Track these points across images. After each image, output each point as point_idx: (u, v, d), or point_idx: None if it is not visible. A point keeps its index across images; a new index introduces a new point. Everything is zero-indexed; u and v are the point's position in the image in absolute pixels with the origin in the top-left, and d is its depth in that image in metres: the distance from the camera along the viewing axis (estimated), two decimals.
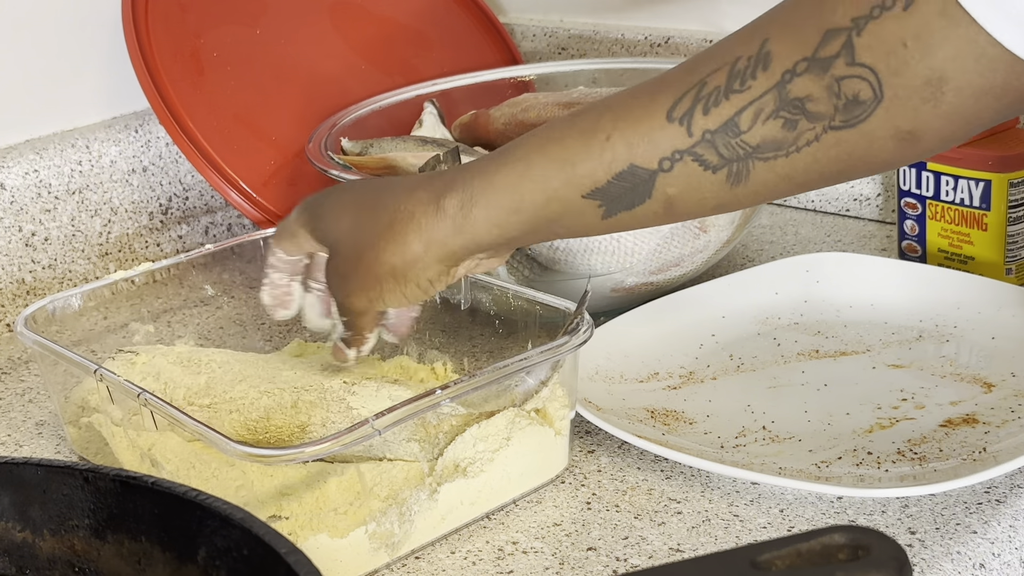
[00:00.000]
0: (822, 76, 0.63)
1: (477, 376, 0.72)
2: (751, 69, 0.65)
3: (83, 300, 0.88)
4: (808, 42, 0.63)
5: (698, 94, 0.66)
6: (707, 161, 0.66)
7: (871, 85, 0.62)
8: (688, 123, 0.66)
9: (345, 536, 0.69)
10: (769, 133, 0.65)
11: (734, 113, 0.65)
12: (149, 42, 1.09)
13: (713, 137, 0.66)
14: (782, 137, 0.65)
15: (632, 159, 0.67)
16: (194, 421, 0.70)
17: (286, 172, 1.12)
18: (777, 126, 0.65)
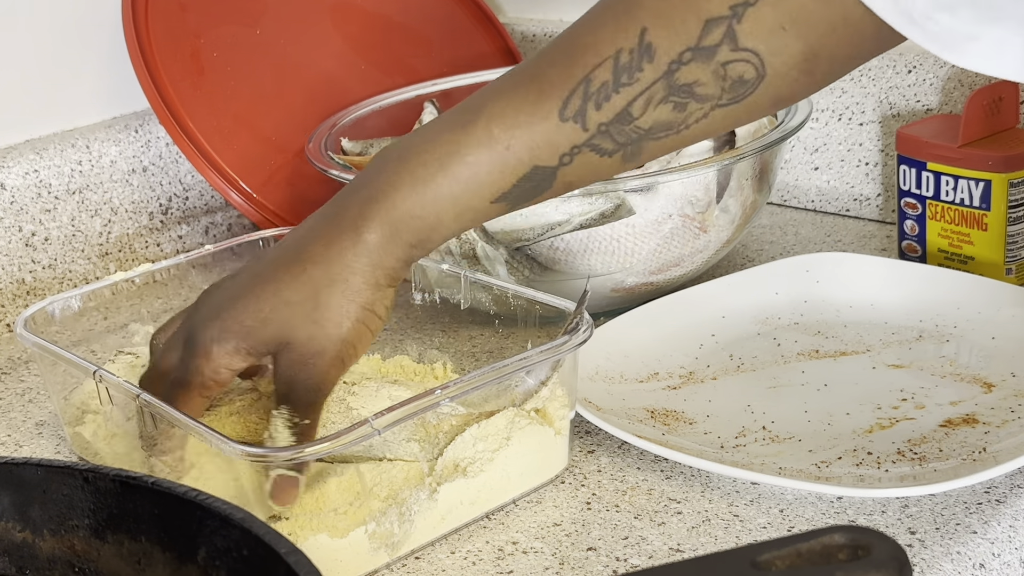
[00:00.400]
0: (708, 63, 0.66)
1: (476, 376, 0.72)
2: (636, 62, 0.67)
3: (83, 301, 0.88)
4: (690, 32, 0.65)
5: (586, 91, 0.67)
6: (603, 149, 0.69)
7: (755, 66, 0.66)
8: (582, 120, 0.68)
9: (345, 536, 0.69)
10: (661, 117, 0.68)
11: (626, 104, 0.67)
12: (149, 42, 1.09)
13: (608, 128, 0.68)
14: (673, 119, 0.68)
15: (534, 162, 0.69)
16: (194, 422, 0.70)
17: (286, 172, 1.12)
18: (667, 110, 0.67)
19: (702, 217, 0.95)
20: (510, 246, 0.94)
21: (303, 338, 0.70)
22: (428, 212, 0.70)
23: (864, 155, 1.15)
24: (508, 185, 0.70)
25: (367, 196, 0.71)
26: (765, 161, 0.98)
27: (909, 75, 1.11)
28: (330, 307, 0.70)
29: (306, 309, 0.69)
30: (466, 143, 0.69)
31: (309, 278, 0.70)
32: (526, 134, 0.69)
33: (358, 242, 0.70)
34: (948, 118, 1.06)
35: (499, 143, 0.69)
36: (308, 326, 0.70)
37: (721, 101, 0.67)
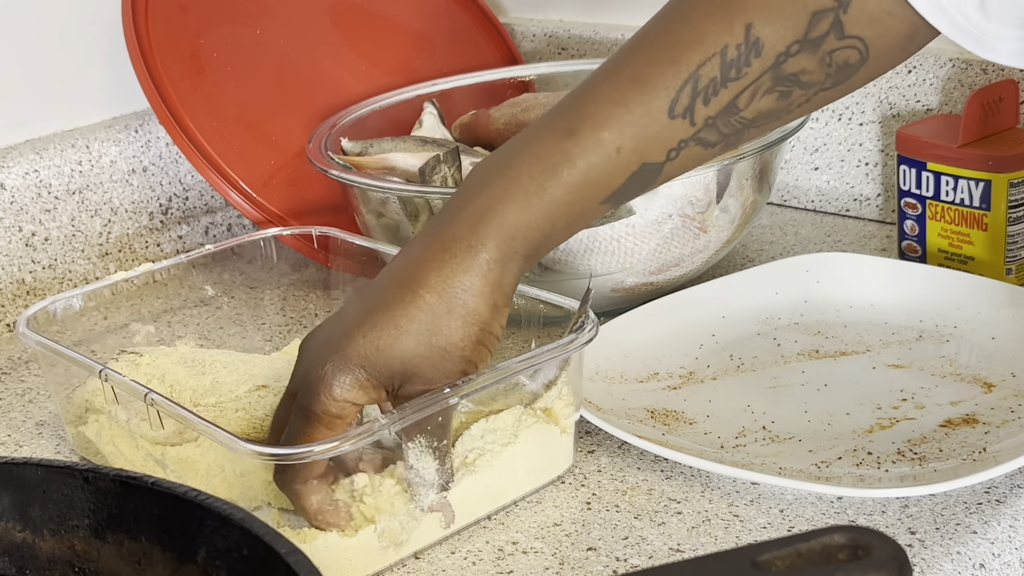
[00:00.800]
0: (815, 53, 0.68)
1: (484, 374, 0.72)
2: (744, 56, 0.68)
3: (84, 301, 0.88)
4: (797, 25, 0.67)
5: (695, 88, 0.68)
6: (708, 141, 0.70)
7: (859, 52, 0.68)
8: (691, 116, 0.69)
9: (355, 535, 0.69)
10: (765, 106, 0.69)
11: (732, 98, 0.69)
12: (149, 42, 1.09)
13: (715, 121, 0.69)
14: (777, 107, 0.70)
15: (643, 160, 0.70)
16: (202, 420, 0.70)
17: (286, 172, 1.12)
18: (772, 99, 0.69)
19: (702, 217, 0.95)
20: None
21: (427, 368, 0.69)
22: (543, 223, 0.70)
23: (864, 155, 1.15)
24: (618, 185, 0.71)
25: (476, 215, 0.70)
26: (765, 161, 0.98)
27: (909, 75, 1.11)
28: (451, 334, 0.69)
29: (427, 336, 0.68)
30: (575, 151, 0.69)
31: (426, 305, 0.69)
32: (636, 135, 0.69)
33: (474, 263, 0.69)
34: (948, 118, 1.06)
35: (609, 146, 0.69)
36: (431, 354, 0.69)
37: (825, 86, 0.69)
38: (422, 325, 0.68)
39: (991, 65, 1.07)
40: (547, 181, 0.70)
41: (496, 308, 0.70)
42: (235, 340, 0.98)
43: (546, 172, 0.70)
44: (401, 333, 0.68)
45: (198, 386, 0.82)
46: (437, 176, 0.95)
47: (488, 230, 0.70)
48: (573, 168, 0.69)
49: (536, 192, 0.70)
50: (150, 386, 0.76)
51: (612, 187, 0.71)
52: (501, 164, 0.71)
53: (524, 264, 0.71)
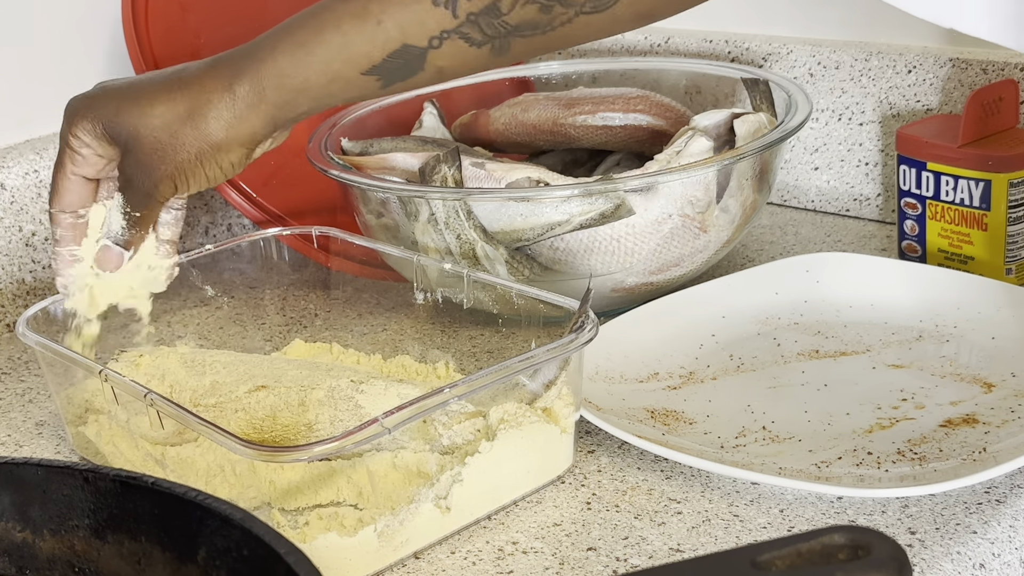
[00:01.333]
0: None
1: (485, 374, 0.72)
2: None
3: None
4: None
5: None
6: (472, 39, 0.73)
7: None
8: (453, 7, 0.72)
9: (354, 535, 0.69)
10: (527, 16, 0.72)
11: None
12: (149, 42, 1.09)
13: (476, 18, 0.72)
14: (539, 19, 0.72)
15: (404, 40, 0.74)
16: (201, 420, 0.70)
17: (286, 172, 1.12)
18: (534, 10, 0.72)
19: (702, 217, 0.95)
20: (510, 246, 0.94)
21: (147, 146, 0.77)
22: (297, 73, 0.75)
23: (864, 155, 1.15)
24: (378, 59, 0.74)
25: (248, 52, 0.77)
26: (765, 161, 0.98)
27: (909, 75, 1.11)
28: (176, 136, 0.76)
29: (156, 126, 0.76)
30: (342, 13, 0.74)
31: (173, 103, 0.76)
32: (399, 12, 0.73)
33: (227, 91, 0.76)
34: (948, 118, 1.06)
35: (372, 17, 0.73)
36: (151, 141, 0.77)
37: (585, 8, 0.71)
38: (160, 115, 0.77)
39: (991, 65, 1.07)
40: (311, 36, 0.75)
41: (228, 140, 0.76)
42: (235, 340, 0.98)
43: (313, 28, 0.75)
44: (141, 112, 0.77)
45: (198, 386, 0.82)
46: (437, 176, 0.95)
47: (249, 67, 0.76)
48: (337, 29, 0.74)
49: (299, 44, 0.75)
50: (149, 386, 0.76)
51: (372, 60, 0.74)
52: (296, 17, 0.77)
53: (275, 113, 0.76)
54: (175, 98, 0.76)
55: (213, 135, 0.76)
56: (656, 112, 1.07)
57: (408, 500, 0.71)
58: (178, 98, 0.76)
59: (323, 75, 0.75)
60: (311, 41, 0.75)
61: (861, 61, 1.14)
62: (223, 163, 0.77)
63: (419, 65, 0.74)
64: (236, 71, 0.76)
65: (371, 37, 0.74)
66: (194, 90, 0.76)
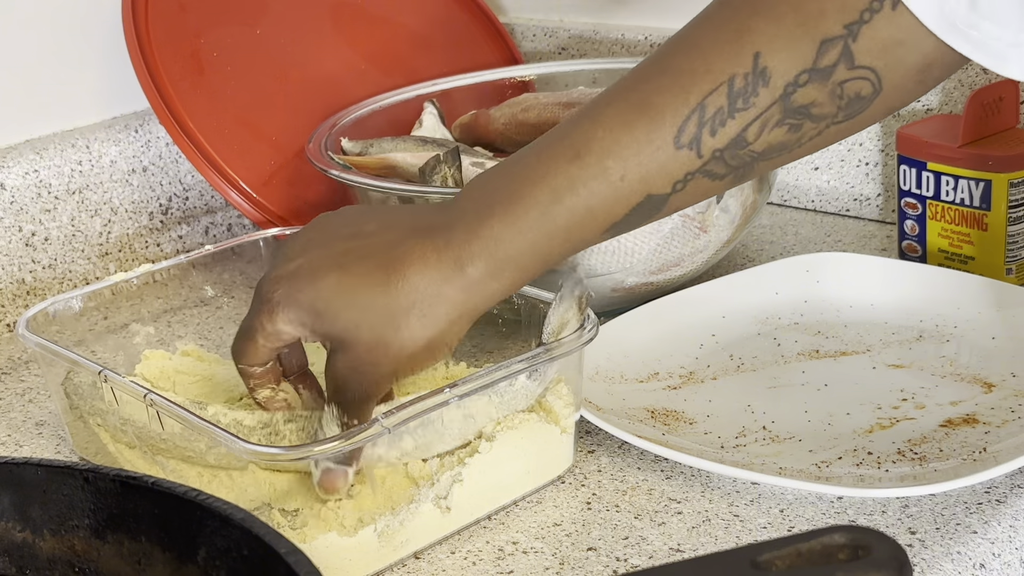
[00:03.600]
0: (825, 83, 0.65)
1: (485, 374, 0.72)
2: (751, 86, 0.66)
3: (84, 301, 0.88)
4: (805, 54, 0.65)
5: (701, 118, 0.66)
6: (716, 174, 0.68)
7: (872, 83, 0.66)
8: (697, 147, 0.67)
9: (354, 535, 0.69)
10: (775, 139, 0.67)
11: (741, 129, 0.66)
12: (149, 42, 1.09)
13: (722, 153, 0.67)
14: (787, 140, 0.67)
15: (648, 191, 0.68)
16: (202, 420, 0.70)
17: (286, 172, 1.12)
18: (782, 132, 0.67)
19: (702, 217, 0.95)
20: None
21: (365, 348, 0.68)
22: (540, 248, 0.69)
23: (864, 155, 1.15)
24: (621, 215, 0.69)
25: (474, 227, 0.69)
26: None
27: None
28: (401, 330, 0.68)
29: (376, 322, 0.68)
30: (580, 177, 0.68)
31: (394, 291, 0.68)
32: (641, 165, 0.67)
33: (457, 274, 0.68)
34: (948, 118, 1.06)
35: (613, 175, 0.68)
36: (370, 339, 0.68)
37: (837, 119, 0.67)
38: (379, 310, 0.68)
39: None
40: (551, 206, 0.68)
41: (459, 322, 0.69)
42: None
43: (551, 196, 0.68)
44: (355, 306, 0.68)
45: (199, 392, 0.82)
46: (437, 176, 0.95)
47: (481, 247, 0.68)
48: (575, 196, 0.68)
49: (537, 218, 0.68)
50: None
51: (614, 217, 0.69)
52: (506, 178, 0.70)
53: (509, 287, 0.70)
54: (395, 284, 0.67)
55: (442, 320, 0.68)
56: None
57: (408, 500, 0.71)
58: (395, 282, 0.67)
59: (566, 243, 0.69)
60: (550, 210, 0.68)
61: None
62: (451, 342, 0.69)
63: (658, 210, 0.69)
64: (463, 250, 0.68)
65: (614, 196, 0.68)
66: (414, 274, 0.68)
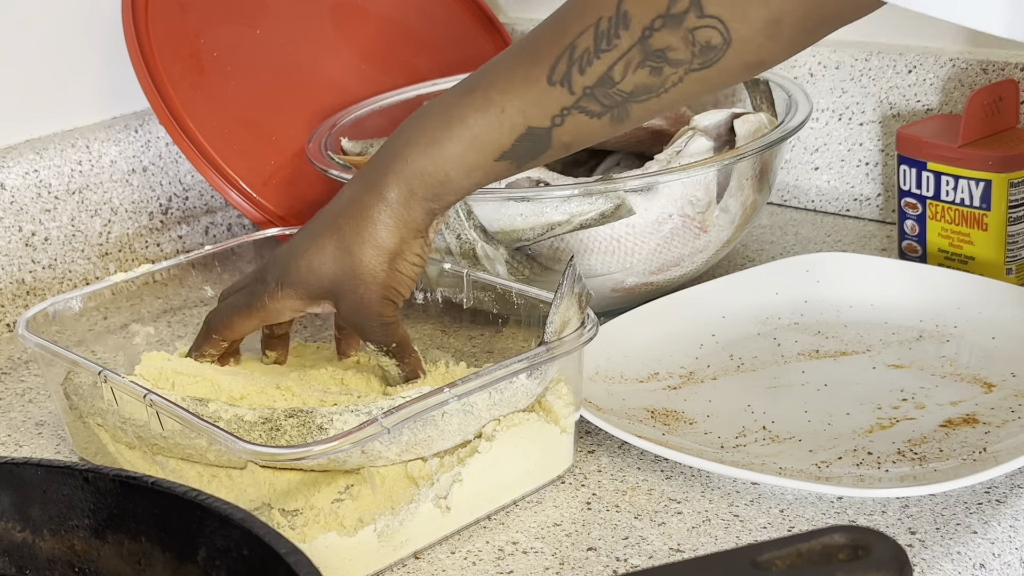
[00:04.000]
0: (677, 29, 0.71)
1: (484, 374, 0.72)
2: (613, 28, 0.72)
3: (83, 301, 0.88)
4: (660, 1, 0.71)
5: (571, 57, 0.73)
6: (591, 111, 0.74)
7: (720, 32, 0.71)
8: (568, 83, 0.74)
9: (354, 535, 0.69)
10: (640, 80, 0.73)
11: (606, 68, 0.73)
12: (149, 42, 1.09)
13: (593, 91, 0.74)
14: (651, 82, 0.73)
15: (528, 123, 0.75)
16: (201, 420, 0.70)
17: (286, 172, 1.12)
18: (645, 74, 0.73)
19: (702, 217, 0.95)
20: (510, 246, 0.94)
21: (348, 291, 0.79)
22: (438, 170, 0.77)
23: (864, 155, 1.15)
24: (508, 144, 0.76)
25: (388, 157, 0.79)
26: (765, 161, 0.98)
27: (909, 75, 1.11)
28: (363, 262, 0.79)
29: (345, 263, 0.79)
30: (466, 107, 0.77)
31: (344, 236, 0.79)
32: (519, 98, 0.75)
33: (380, 200, 0.78)
34: (948, 118, 1.06)
35: (495, 106, 0.76)
36: (350, 280, 0.79)
37: (693, 66, 0.72)
38: (342, 252, 0.79)
39: (991, 65, 1.07)
40: (442, 134, 0.77)
41: (403, 240, 0.79)
42: None
43: (442, 126, 0.77)
44: (327, 258, 0.80)
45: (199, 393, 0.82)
46: None
47: (393, 172, 0.78)
48: (463, 124, 0.77)
49: (432, 142, 0.77)
50: None
51: (502, 147, 0.76)
52: (415, 117, 0.80)
53: (429, 204, 0.78)
54: (343, 227, 0.79)
55: (388, 241, 0.79)
56: None
57: (408, 500, 0.71)
58: (343, 227, 0.79)
59: (460, 168, 0.77)
60: (442, 139, 0.77)
61: (861, 61, 1.14)
62: (411, 259, 0.80)
63: (546, 144, 0.76)
64: (380, 179, 0.79)
65: (497, 126, 0.76)
66: (355, 213, 0.79)
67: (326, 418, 0.72)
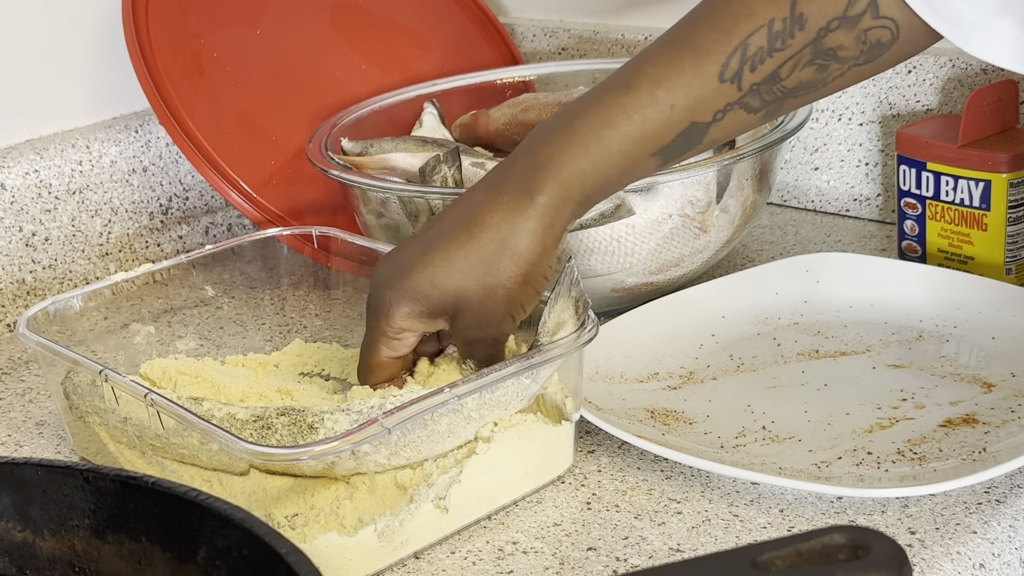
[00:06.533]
0: (852, 30, 0.73)
1: (484, 374, 0.72)
2: (788, 29, 0.74)
3: (84, 301, 0.88)
4: (837, 3, 0.73)
5: (743, 55, 0.74)
6: (751, 107, 0.76)
7: (891, 31, 0.74)
8: (739, 81, 0.75)
9: (354, 535, 0.69)
10: (805, 77, 0.75)
11: (777, 67, 0.75)
12: (149, 42, 1.09)
13: (759, 88, 0.75)
14: (815, 79, 0.75)
15: (693, 119, 0.76)
16: (202, 420, 0.70)
17: (286, 172, 1.12)
18: (811, 71, 0.75)
19: (702, 217, 0.95)
20: None
21: (475, 303, 0.75)
22: (599, 170, 0.76)
23: (864, 155, 1.15)
24: (668, 140, 0.76)
25: (534, 163, 0.76)
26: (765, 161, 0.98)
27: (909, 75, 1.11)
28: (499, 272, 0.75)
29: (477, 274, 0.75)
30: (632, 105, 0.76)
31: (479, 244, 0.75)
32: (688, 95, 0.75)
33: (529, 205, 0.75)
34: (948, 118, 1.06)
35: (663, 103, 0.75)
36: (479, 291, 0.75)
37: (859, 61, 0.75)
38: (474, 263, 0.75)
39: (991, 65, 1.07)
40: (604, 131, 0.76)
41: (545, 250, 0.76)
42: (235, 340, 0.98)
43: (604, 123, 0.76)
44: (454, 270, 0.75)
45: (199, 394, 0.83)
46: (437, 176, 0.95)
47: (546, 176, 0.75)
48: (629, 120, 0.76)
49: (594, 141, 0.76)
50: None
51: (663, 141, 0.76)
52: (563, 119, 0.77)
53: (577, 210, 0.77)
54: (478, 236, 0.75)
55: (529, 251, 0.75)
56: None
57: (408, 500, 0.71)
58: (482, 236, 0.75)
59: (621, 164, 0.76)
60: (606, 136, 0.76)
61: None
62: (544, 271, 0.77)
63: (699, 138, 0.77)
64: (529, 183, 0.75)
65: (664, 121, 0.75)
66: (493, 220, 0.75)
67: (317, 417, 0.72)
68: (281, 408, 0.74)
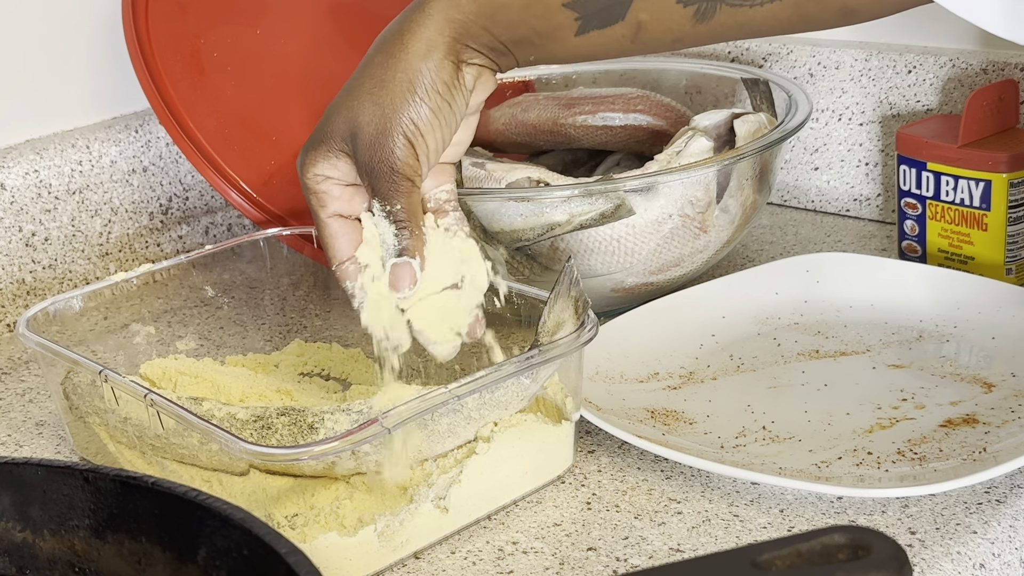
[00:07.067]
0: None
1: (484, 374, 0.72)
2: None
3: (84, 301, 0.88)
4: None
5: None
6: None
7: None
8: None
9: (354, 535, 0.69)
10: None
11: None
12: (149, 42, 1.09)
13: None
14: None
15: None
16: (202, 421, 0.70)
17: (286, 172, 1.12)
18: None
19: (702, 217, 0.95)
20: (510, 246, 0.94)
21: (366, 123, 0.72)
22: None
23: (864, 155, 1.15)
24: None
25: None
26: (765, 161, 0.98)
27: (909, 75, 1.11)
28: (387, 83, 0.71)
29: (370, 92, 0.72)
30: None
31: (370, 63, 0.73)
32: None
33: (419, 11, 0.72)
34: (948, 118, 1.06)
35: None
36: (370, 108, 0.72)
37: None
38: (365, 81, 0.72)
39: (991, 65, 1.07)
40: None
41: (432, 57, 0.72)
42: (235, 340, 0.98)
43: None
44: (350, 97, 0.73)
45: (199, 394, 0.83)
46: None
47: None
48: None
49: None
50: None
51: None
52: None
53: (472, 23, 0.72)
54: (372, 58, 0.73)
55: (413, 55, 0.71)
56: (656, 112, 1.07)
57: (408, 500, 0.71)
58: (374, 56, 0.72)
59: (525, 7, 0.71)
60: None
61: (861, 61, 1.14)
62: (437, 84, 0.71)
63: (621, 12, 0.70)
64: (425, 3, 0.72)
65: None
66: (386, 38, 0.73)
67: (317, 417, 0.72)
68: (281, 408, 0.74)
